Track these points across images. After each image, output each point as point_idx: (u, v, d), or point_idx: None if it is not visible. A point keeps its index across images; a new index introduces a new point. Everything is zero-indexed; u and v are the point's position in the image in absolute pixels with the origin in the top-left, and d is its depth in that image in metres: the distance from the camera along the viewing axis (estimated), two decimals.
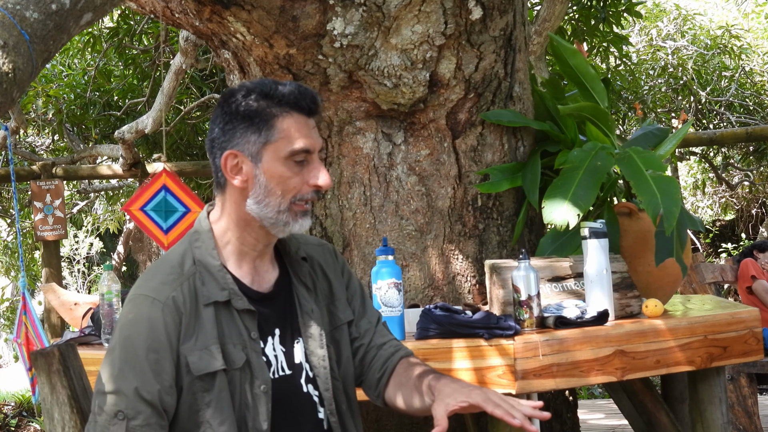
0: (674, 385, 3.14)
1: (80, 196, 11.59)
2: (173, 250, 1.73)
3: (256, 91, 1.68)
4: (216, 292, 1.66)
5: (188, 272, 1.67)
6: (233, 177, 1.68)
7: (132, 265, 14.16)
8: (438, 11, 2.91)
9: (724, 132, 7.94)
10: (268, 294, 1.74)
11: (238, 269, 1.72)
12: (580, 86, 3.19)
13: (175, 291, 1.64)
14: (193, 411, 1.63)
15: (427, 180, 3.04)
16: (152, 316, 1.62)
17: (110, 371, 1.61)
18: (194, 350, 1.62)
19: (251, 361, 1.66)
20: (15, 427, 7.77)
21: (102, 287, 2.72)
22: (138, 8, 3.35)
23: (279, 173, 1.67)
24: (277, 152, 1.66)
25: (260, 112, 1.67)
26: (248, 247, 1.72)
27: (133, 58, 7.52)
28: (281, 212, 1.68)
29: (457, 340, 2.37)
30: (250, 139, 1.67)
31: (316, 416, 1.73)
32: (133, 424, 1.58)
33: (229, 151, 1.68)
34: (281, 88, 1.68)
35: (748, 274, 5.27)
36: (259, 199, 1.67)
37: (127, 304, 1.67)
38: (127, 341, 1.62)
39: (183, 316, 1.63)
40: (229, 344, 1.65)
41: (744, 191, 12.91)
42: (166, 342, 1.61)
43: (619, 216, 2.89)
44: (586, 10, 6.39)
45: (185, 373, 1.62)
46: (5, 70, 1.89)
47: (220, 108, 1.71)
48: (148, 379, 1.59)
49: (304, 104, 1.68)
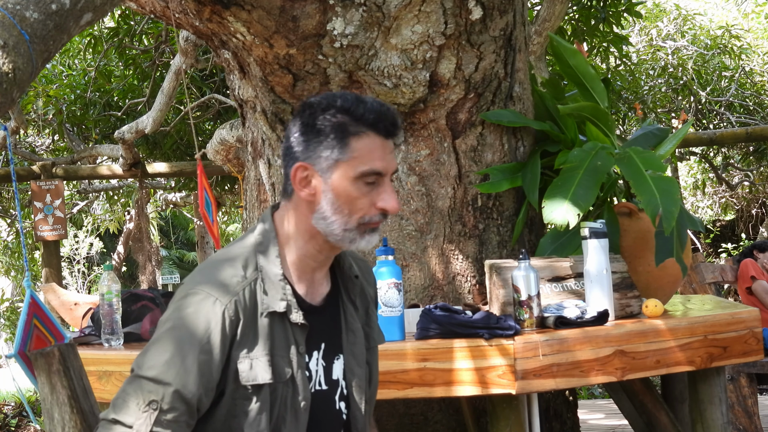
0: (674, 385, 3.14)
1: (80, 196, 11.60)
2: (233, 250, 1.69)
3: (337, 105, 1.64)
4: (275, 302, 1.63)
5: (251, 277, 1.64)
6: (301, 189, 1.65)
7: (132, 265, 14.17)
8: (438, 11, 2.91)
9: (724, 132, 7.94)
10: (318, 307, 1.72)
11: (296, 280, 1.69)
12: (580, 86, 3.19)
13: (237, 294, 1.61)
14: (230, 416, 1.61)
15: (427, 180, 3.04)
16: (212, 317, 1.58)
17: (155, 359, 1.56)
18: (246, 358, 1.60)
19: (296, 376, 1.64)
20: (15, 427, 7.77)
21: (102, 287, 2.73)
22: (138, 8, 3.35)
23: (347, 192, 1.63)
24: (348, 171, 1.63)
25: (337, 129, 1.63)
26: (310, 258, 1.69)
27: (133, 59, 7.53)
28: (348, 230, 1.65)
29: (457, 340, 2.37)
30: (323, 155, 1.63)
31: None
32: (163, 417, 1.54)
33: (300, 163, 1.65)
34: (362, 106, 1.64)
35: (747, 275, 5.27)
36: (326, 216, 1.64)
37: (186, 297, 1.61)
38: (180, 335, 1.58)
39: (241, 322, 1.60)
40: (278, 356, 1.62)
41: (744, 191, 12.91)
42: (219, 345, 1.58)
43: (619, 216, 2.89)
44: (586, 10, 6.39)
45: (231, 380, 1.59)
46: (5, 70, 1.89)
47: (299, 117, 1.68)
48: (192, 379, 1.56)
49: (383, 126, 1.64)
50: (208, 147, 5.29)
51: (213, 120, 8.13)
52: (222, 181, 8.75)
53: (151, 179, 8.68)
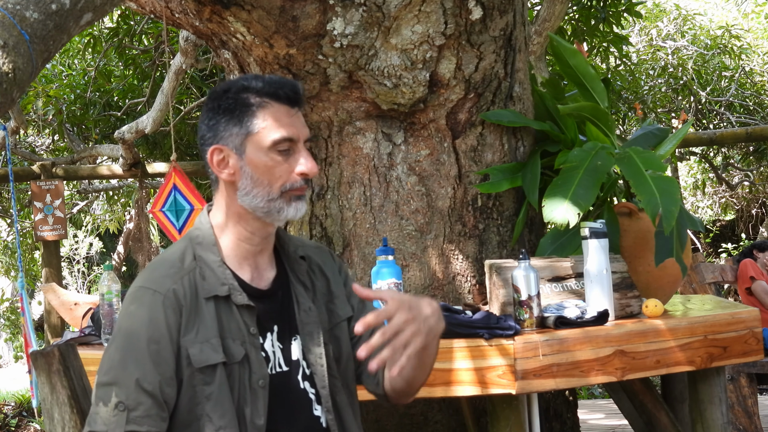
0: (674, 385, 3.14)
1: (80, 196, 11.59)
2: (173, 247, 1.75)
3: (236, 85, 1.72)
4: (216, 287, 1.68)
5: (188, 267, 1.68)
6: (221, 171, 1.71)
7: (132, 265, 14.16)
8: (438, 11, 2.91)
9: (724, 132, 7.93)
10: (266, 291, 1.75)
11: (237, 266, 1.73)
12: (580, 86, 3.19)
13: (175, 284, 1.65)
14: (193, 404, 1.63)
15: (427, 180, 3.04)
16: (153, 308, 1.63)
17: (110, 362, 1.62)
18: (195, 343, 1.63)
19: (250, 356, 1.67)
20: (15, 427, 7.77)
21: (102, 287, 2.73)
22: (138, 8, 3.35)
23: (263, 163, 1.68)
24: (259, 142, 1.69)
25: (240, 105, 1.69)
26: (246, 242, 1.73)
27: (133, 59, 7.52)
28: (272, 200, 1.69)
29: (457, 340, 2.37)
30: (233, 132, 1.69)
31: (312, 413, 1.73)
32: (133, 415, 1.58)
33: (215, 146, 1.71)
34: (260, 80, 1.71)
35: (747, 275, 5.27)
36: (247, 191, 1.69)
37: (128, 298, 1.68)
38: (127, 332, 1.63)
39: (183, 309, 1.64)
40: (228, 338, 1.66)
41: (744, 191, 12.90)
42: (166, 333, 1.62)
43: (619, 216, 2.89)
44: (586, 10, 6.39)
45: (186, 366, 1.63)
46: (5, 70, 1.89)
47: (205, 106, 1.75)
48: (148, 369, 1.59)
49: (283, 93, 1.70)
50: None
51: None
52: None
53: (151, 179, 8.67)
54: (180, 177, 4.19)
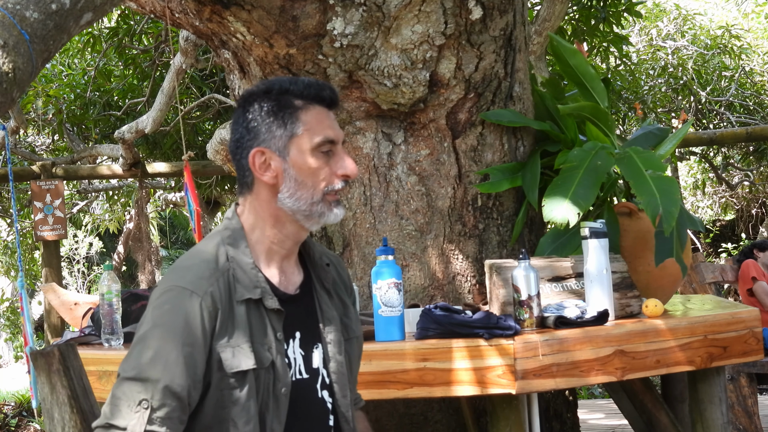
0: (674, 385, 3.14)
1: (80, 196, 11.59)
2: (204, 245, 1.71)
3: (276, 87, 1.70)
4: (250, 290, 1.66)
5: (223, 268, 1.66)
6: (262, 174, 1.68)
7: (132, 265, 14.16)
8: (438, 11, 2.91)
9: (724, 132, 7.93)
10: (293, 296, 1.74)
11: (266, 269, 1.71)
12: (580, 86, 3.19)
13: (212, 286, 1.63)
14: (219, 407, 1.62)
15: (427, 180, 3.04)
16: (190, 310, 1.60)
17: (139, 358, 1.58)
18: (227, 347, 1.61)
19: (276, 362, 1.65)
20: (15, 427, 7.77)
21: (102, 287, 2.72)
22: (138, 8, 3.35)
23: (308, 165, 1.68)
24: (304, 144, 1.67)
25: (284, 107, 1.68)
26: (278, 245, 1.72)
27: (133, 58, 7.52)
28: (315, 203, 1.69)
29: (457, 340, 2.37)
30: (276, 134, 1.68)
31: (327, 423, 1.73)
32: (156, 415, 1.55)
33: (257, 148, 1.68)
34: (300, 82, 1.70)
35: (748, 276, 5.27)
36: (291, 193, 1.68)
37: (163, 295, 1.63)
38: (161, 332, 1.59)
39: (219, 312, 1.62)
40: (257, 343, 1.64)
41: (744, 191, 12.91)
42: (201, 337, 1.60)
43: (619, 216, 2.89)
44: (586, 10, 6.39)
45: (216, 370, 1.61)
46: (5, 70, 1.89)
47: (242, 108, 1.72)
48: (179, 372, 1.57)
49: (325, 95, 1.71)
50: (208, 147, 5.28)
51: (213, 120, 8.12)
52: (222, 181, 8.75)
53: (151, 179, 8.68)
54: (189, 177, 4.20)
